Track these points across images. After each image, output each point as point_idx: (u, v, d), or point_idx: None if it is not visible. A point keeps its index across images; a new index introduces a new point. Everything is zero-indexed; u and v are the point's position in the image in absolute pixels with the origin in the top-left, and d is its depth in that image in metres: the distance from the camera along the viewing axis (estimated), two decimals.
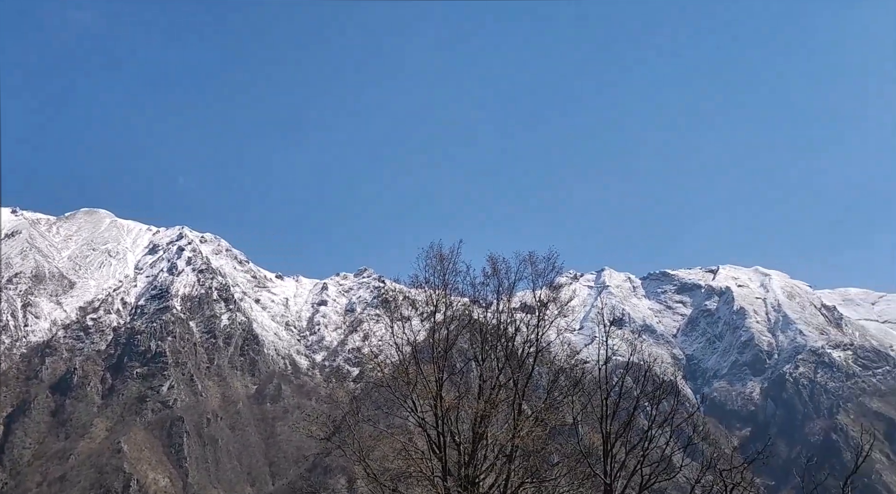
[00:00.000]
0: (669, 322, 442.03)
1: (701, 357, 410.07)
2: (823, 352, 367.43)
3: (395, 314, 35.04)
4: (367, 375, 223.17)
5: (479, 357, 34.30)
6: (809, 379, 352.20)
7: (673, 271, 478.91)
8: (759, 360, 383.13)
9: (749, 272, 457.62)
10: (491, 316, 35.48)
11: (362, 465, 31.94)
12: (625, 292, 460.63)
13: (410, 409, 32.39)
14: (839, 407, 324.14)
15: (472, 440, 31.67)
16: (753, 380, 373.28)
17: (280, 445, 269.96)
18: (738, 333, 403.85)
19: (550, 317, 35.97)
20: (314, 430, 38.17)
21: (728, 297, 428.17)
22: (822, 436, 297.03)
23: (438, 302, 33.66)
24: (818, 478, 34.63)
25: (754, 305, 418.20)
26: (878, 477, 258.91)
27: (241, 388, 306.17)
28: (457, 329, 34.57)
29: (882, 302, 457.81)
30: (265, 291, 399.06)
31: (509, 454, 31.69)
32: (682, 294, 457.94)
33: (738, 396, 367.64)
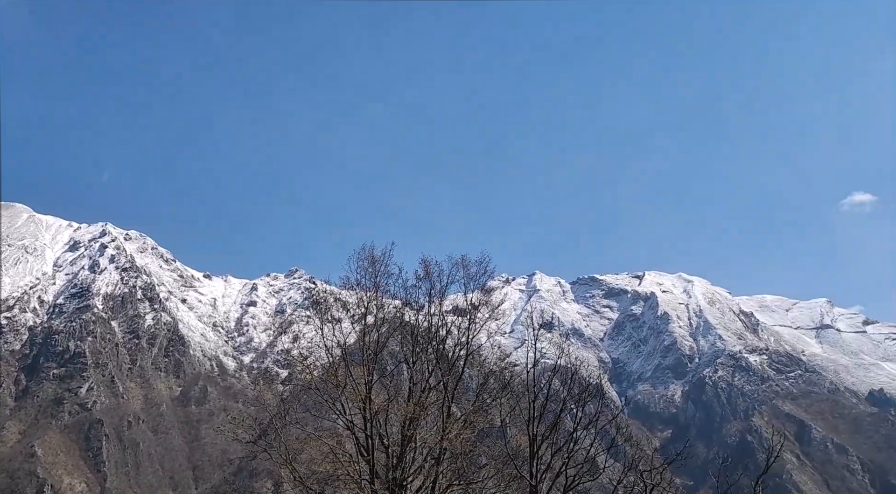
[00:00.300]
0: (597, 326, 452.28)
1: (626, 360, 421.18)
2: (741, 357, 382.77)
3: (326, 316, 34.74)
4: (296, 377, 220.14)
5: (409, 359, 34.36)
6: (727, 382, 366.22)
7: (601, 276, 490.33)
8: (681, 364, 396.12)
9: (673, 278, 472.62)
10: (422, 319, 35.59)
11: (289, 468, 31.53)
12: (555, 296, 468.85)
13: (339, 412, 32.17)
14: (754, 409, 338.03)
15: (400, 442, 31.70)
16: (675, 383, 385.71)
17: (204, 448, 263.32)
18: (661, 337, 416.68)
19: (481, 320, 36.35)
20: (240, 433, 37.44)
21: (653, 303, 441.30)
22: (738, 438, 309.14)
23: (370, 305, 33.56)
24: (732, 478, 36.04)
25: (677, 310, 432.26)
26: (788, 477, 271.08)
27: (164, 390, 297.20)
28: (388, 331, 34.55)
29: (795, 309, 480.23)
30: (192, 291, 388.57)
31: (437, 456, 31.86)
32: (610, 298, 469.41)
33: (660, 399, 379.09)
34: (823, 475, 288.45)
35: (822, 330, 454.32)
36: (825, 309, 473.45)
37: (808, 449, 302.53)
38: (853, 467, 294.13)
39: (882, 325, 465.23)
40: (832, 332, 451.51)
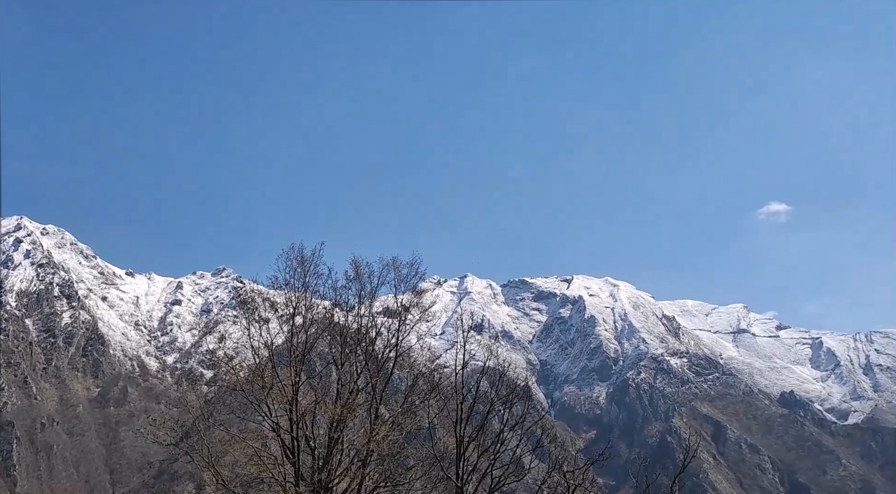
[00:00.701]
0: (526, 328, 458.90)
1: (554, 362, 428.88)
2: (663, 360, 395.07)
3: (253, 316, 34.17)
4: (221, 378, 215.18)
5: (338, 360, 34.13)
6: (650, 384, 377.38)
7: (531, 279, 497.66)
8: (605, 366, 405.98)
9: (600, 282, 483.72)
10: (352, 320, 35.40)
11: (212, 471, 30.85)
12: (486, 298, 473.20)
13: (265, 414, 31.67)
14: (674, 410, 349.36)
15: (327, 444, 31.45)
16: (600, 385, 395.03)
17: (123, 451, 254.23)
18: (588, 340, 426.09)
19: (412, 322, 36.40)
20: (161, 435, 36.38)
21: (580, 306, 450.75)
22: (659, 438, 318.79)
23: (298, 305, 33.16)
24: (651, 478, 37.27)
25: (604, 314, 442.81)
26: (704, 476, 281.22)
27: (81, 391, 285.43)
28: (317, 332, 34.22)
29: (714, 313, 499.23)
30: (113, 288, 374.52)
31: (364, 458, 31.77)
32: (540, 301, 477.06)
33: (585, 400, 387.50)
34: (737, 473, 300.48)
35: (738, 334, 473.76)
36: (742, 314, 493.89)
37: (724, 449, 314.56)
38: (764, 466, 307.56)
39: (794, 330, 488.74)
40: (748, 336, 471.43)
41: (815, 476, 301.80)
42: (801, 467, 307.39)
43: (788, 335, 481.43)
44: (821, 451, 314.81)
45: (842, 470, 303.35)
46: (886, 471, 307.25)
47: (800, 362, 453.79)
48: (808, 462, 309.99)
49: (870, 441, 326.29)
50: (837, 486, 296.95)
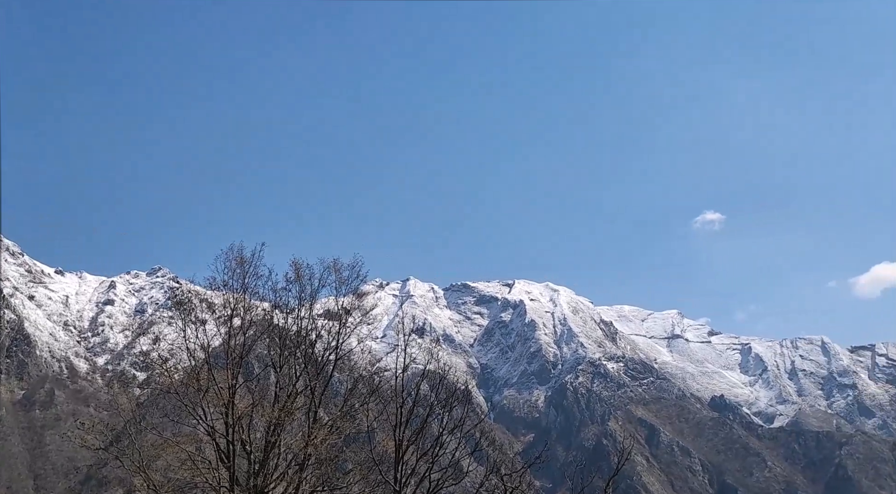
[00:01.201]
0: (468, 332, 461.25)
1: (494, 366, 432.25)
2: (600, 364, 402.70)
3: (190, 317, 33.42)
4: (154, 380, 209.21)
5: (277, 363, 33.67)
6: (587, 388, 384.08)
7: (473, 283, 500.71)
8: (545, 370, 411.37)
9: (541, 287, 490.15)
10: (292, 322, 35.00)
11: (143, 476, 30.01)
12: (428, 302, 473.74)
13: (200, 417, 30.99)
14: (610, 414, 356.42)
15: (264, 448, 30.97)
16: (539, 389, 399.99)
17: (49, 456, 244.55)
18: (528, 344, 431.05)
19: (353, 325, 36.21)
20: (90, 439, 35.18)
21: (521, 310, 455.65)
22: (595, 441, 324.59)
23: (237, 306, 32.59)
24: (587, 480, 37.99)
25: (544, 318, 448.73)
26: (638, 478, 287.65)
27: (5, 393, 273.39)
28: (255, 334, 33.69)
29: (650, 319, 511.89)
30: (41, 287, 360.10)
31: (302, 462, 31.41)
32: (481, 305, 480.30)
33: (524, 403, 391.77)
34: (669, 475, 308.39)
35: (672, 339, 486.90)
36: (676, 320, 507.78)
37: (657, 452, 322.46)
38: (695, 468, 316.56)
39: (724, 336, 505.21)
40: (682, 342, 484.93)
41: (742, 478, 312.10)
42: (730, 469, 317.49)
43: (720, 340, 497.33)
44: (748, 453, 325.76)
45: (767, 472, 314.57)
46: (808, 473, 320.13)
47: (730, 367, 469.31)
48: (736, 464, 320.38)
49: (793, 444, 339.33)
50: (763, 487, 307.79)
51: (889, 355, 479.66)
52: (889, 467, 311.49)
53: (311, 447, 30.53)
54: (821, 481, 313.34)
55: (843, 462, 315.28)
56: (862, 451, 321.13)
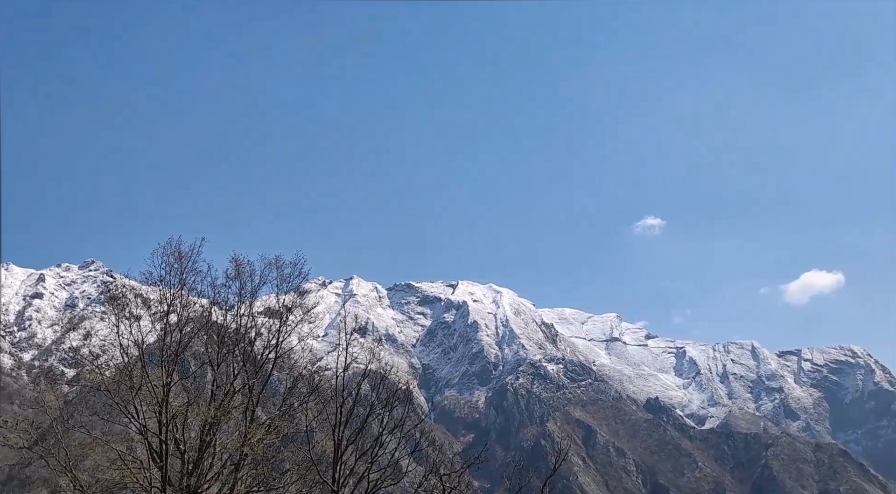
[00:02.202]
0: (410, 332, 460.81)
1: (436, 366, 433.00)
2: (540, 365, 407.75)
3: (124, 312, 32.40)
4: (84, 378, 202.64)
5: (214, 361, 32.94)
6: (527, 389, 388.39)
7: (417, 283, 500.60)
8: (486, 371, 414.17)
9: (484, 288, 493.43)
10: (231, 320, 34.31)
11: (69, 476, 28.94)
12: (371, 301, 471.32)
13: (132, 415, 30.06)
14: (549, 415, 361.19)
15: (198, 448, 30.24)
16: (480, 390, 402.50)
17: None
18: (470, 345, 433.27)
19: (294, 323, 35.70)
20: (13, 438, 33.77)
21: (464, 311, 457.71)
22: (534, 442, 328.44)
23: (174, 302, 31.74)
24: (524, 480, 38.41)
25: (486, 320, 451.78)
26: (574, 479, 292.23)
27: None
28: (192, 331, 32.88)
29: (590, 322, 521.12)
30: None
31: (238, 462, 30.80)
32: (425, 306, 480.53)
33: (465, 404, 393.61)
34: (604, 476, 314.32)
35: (611, 342, 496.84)
36: (615, 323, 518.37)
37: (593, 452, 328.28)
38: (629, 468, 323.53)
39: (661, 339, 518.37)
40: (619, 345, 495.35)
41: (673, 478, 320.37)
42: (662, 469, 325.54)
43: (656, 344, 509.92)
44: (680, 454, 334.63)
45: (697, 472, 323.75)
46: (736, 473, 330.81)
47: (665, 370, 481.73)
48: (669, 465, 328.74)
49: (723, 445, 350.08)
50: (693, 487, 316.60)
51: (814, 360, 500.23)
52: (811, 468, 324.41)
53: (248, 446, 29.97)
54: (748, 481, 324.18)
55: (768, 462, 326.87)
56: (786, 452, 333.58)
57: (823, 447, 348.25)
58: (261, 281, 34.34)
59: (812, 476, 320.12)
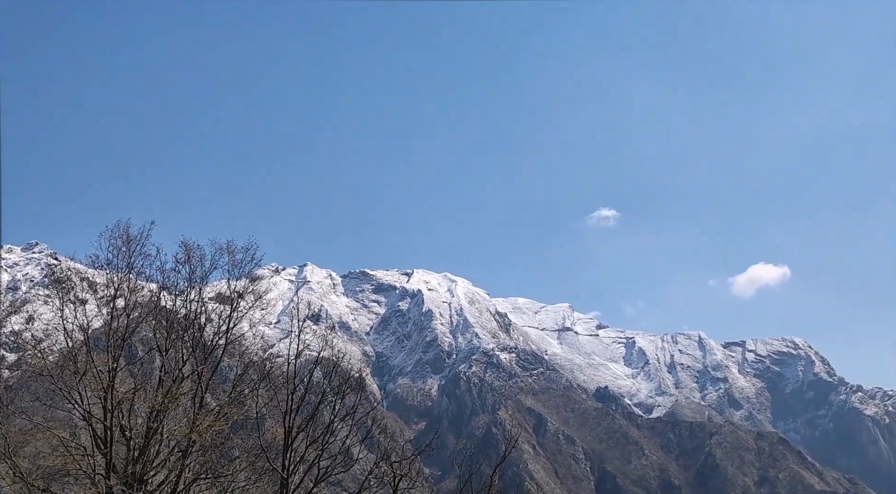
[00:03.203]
0: (364, 320, 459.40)
1: (390, 354, 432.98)
2: (493, 354, 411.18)
3: (69, 296, 31.54)
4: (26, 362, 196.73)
5: (163, 346, 32.33)
6: (480, 377, 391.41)
7: (372, 271, 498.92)
8: (439, 359, 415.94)
9: (439, 277, 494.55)
10: (180, 305, 33.69)
11: (8, 463, 28.13)
12: (325, 288, 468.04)
13: (76, 401, 29.33)
14: (501, 403, 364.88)
15: (145, 434, 29.70)
16: (433, 378, 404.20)
17: None
18: (424, 333, 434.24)
19: (245, 309, 35.25)
20: None
21: (419, 299, 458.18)
22: (485, 429, 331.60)
23: (121, 286, 31.01)
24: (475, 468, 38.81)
25: (441, 308, 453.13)
26: (524, 466, 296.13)
27: None
28: (140, 316, 32.19)
29: (543, 312, 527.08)
30: None
31: (185, 449, 30.35)
32: (379, 294, 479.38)
33: (418, 392, 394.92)
34: (553, 463, 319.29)
35: (563, 332, 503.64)
36: (567, 313, 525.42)
37: (543, 440, 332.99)
38: (578, 456, 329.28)
39: (611, 330, 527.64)
40: (571, 334, 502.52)
41: (621, 466, 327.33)
42: (610, 457, 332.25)
43: (606, 334, 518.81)
44: (627, 442, 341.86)
45: (644, 460, 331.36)
46: (681, 460, 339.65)
47: (615, 359, 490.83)
48: (616, 453, 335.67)
49: (669, 433, 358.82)
50: (639, 474, 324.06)
51: (757, 351, 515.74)
52: (752, 455, 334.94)
53: (196, 433, 29.54)
54: (692, 468, 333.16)
55: (712, 450, 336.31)
56: (729, 440, 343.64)
57: (764, 435, 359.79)
58: (212, 267, 33.80)
59: (753, 463, 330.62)
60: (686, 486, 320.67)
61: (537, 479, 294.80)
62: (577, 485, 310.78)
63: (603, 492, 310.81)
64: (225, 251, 33.96)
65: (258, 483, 34.18)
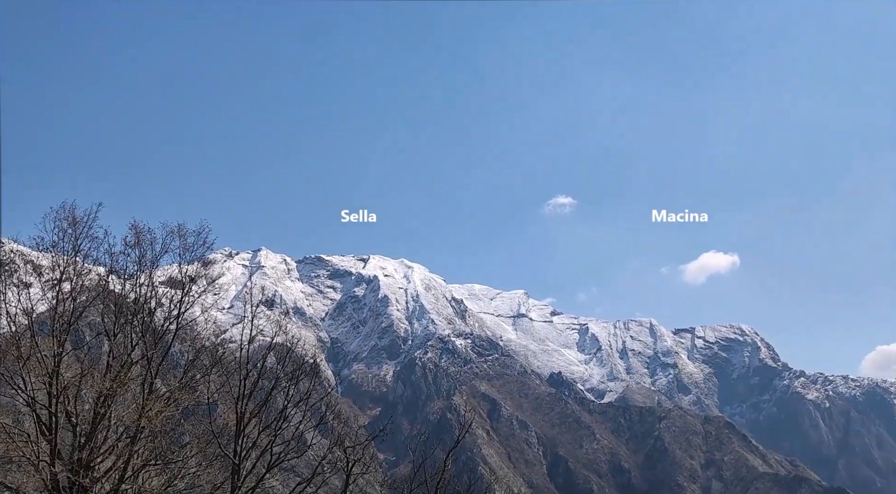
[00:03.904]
0: (320, 306, 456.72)
1: (345, 340, 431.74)
2: (449, 340, 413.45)
3: (12, 279, 30.65)
4: None
5: (111, 331, 31.68)
6: (435, 363, 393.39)
7: (328, 257, 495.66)
8: (395, 345, 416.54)
9: (395, 263, 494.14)
10: (130, 289, 33.05)
11: None
12: (279, 274, 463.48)
13: (19, 387, 28.60)
14: (456, 388, 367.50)
15: (91, 420, 29.13)
16: (388, 364, 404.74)
17: None
18: (380, 319, 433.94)
19: (197, 294, 34.76)
20: None
21: (375, 286, 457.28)
22: (440, 415, 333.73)
23: (67, 270, 30.24)
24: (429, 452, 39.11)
25: (397, 294, 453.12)
26: (478, 451, 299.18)
27: None
28: (87, 300, 31.47)
29: (498, 298, 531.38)
30: None
31: (134, 435, 29.88)
32: (335, 279, 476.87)
33: (373, 378, 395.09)
34: (507, 448, 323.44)
35: (518, 318, 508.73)
36: (522, 299, 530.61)
37: (497, 425, 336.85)
38: (531, 441, 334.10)
39: (566, 316, 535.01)
40: (526, 321, 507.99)
41: (572, 450, 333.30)
42: (562, 441, 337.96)
43: (561, 320, 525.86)
44: (579, 427, 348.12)
45: (595, 444, 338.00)
46: (631, 445, 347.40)
47: (568, 346, 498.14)
48: (568, 437, 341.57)
49: (620, 418, 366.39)
50: (590, 458, 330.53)
51: (706, 338, 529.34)
52: (699, 439, 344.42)
53: (146, 419, 29.10)
54: (641, 452, 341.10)
55: (661, 434, 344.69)
56: (678, 425, 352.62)
57: (711, 419, 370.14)
58: (162, 250, 33.20)
59: (700, 446, 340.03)
60: (635, 469, 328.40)
61: (491, 463, 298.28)
62: (530, 469, 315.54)
63: (555, 476, 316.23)
64: (176, 234, 33.40)
65: (209, 469, 33.89)
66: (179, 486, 32.30)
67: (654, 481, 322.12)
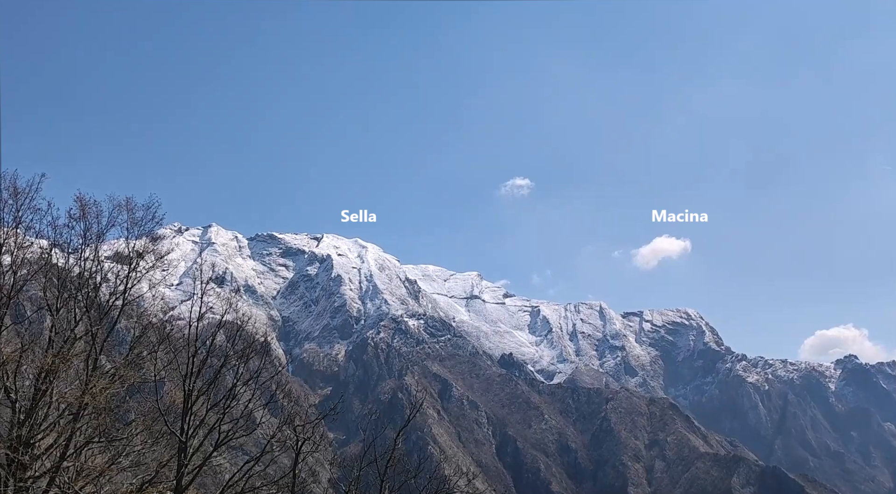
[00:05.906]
0: (271, 284, 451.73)
1: (297, 319, 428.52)
2: (402, 320, 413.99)
3: None
4: None
5: (54, 306, 30.77)
6: (388, 343, 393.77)
7: (280, 234, 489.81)
8: (347, 325, 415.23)
9: (350, 243, 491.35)
10: (74, 263, 32.10)
11: None
12: (230, 251, 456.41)
13: None
14: (408, 369, 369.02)
15: (32, 397, 28.36)
16: (340, 343, 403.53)
17: None
18: (332, 299, 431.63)
19: (144, 269, 33.97)
20: None
21: (328, 265, 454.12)
22: (391, 394, 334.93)
23: (7, 242, 29.24)
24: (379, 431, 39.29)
25: (350, 274, 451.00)
26: (428, 430, 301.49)
27: None
28: (29, 273, 30.48)
29: (452, 279, 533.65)
30: None
31: (76, 412, 29.21)
32: (287, 257, 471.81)
33: (325, 357, 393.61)
34: (457, 428, 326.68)
35: (471, 300, 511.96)
36: (476, 281, 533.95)
37: (448, 405, 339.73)
38: (481, 421, 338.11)
39: (518, 298, 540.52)
40: (479, 302, 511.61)
41: (521, 430, 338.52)
42: (512, 421, 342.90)
43: (513, 302, 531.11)
44: (529, 407, 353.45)
45: (543, 424, 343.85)
46: (578, 425, 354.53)
47: (520, 327, 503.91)
48: (518, 417, 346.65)
49: (569, 399, 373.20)
50: (538, 438, 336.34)
51: (654, 321, 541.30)
52: (644, 420, 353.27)
53: (89, 396, 28.45)
54: (588, 432, 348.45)
55: (607, 415, 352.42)
56: (624, 406, 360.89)
57: (656, 401, 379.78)
58: (109, 224, 32.26)
59: (645, 427, 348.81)
60: (581, 449, 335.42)
61: (440, 443, 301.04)
62: (479, 449, 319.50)
63: (503, 456, 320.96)
64: (124, 208, 32.49)
65: (155, 447, 33.36)
66: (124, 463, 31.72)
67: (600, 460, 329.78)
